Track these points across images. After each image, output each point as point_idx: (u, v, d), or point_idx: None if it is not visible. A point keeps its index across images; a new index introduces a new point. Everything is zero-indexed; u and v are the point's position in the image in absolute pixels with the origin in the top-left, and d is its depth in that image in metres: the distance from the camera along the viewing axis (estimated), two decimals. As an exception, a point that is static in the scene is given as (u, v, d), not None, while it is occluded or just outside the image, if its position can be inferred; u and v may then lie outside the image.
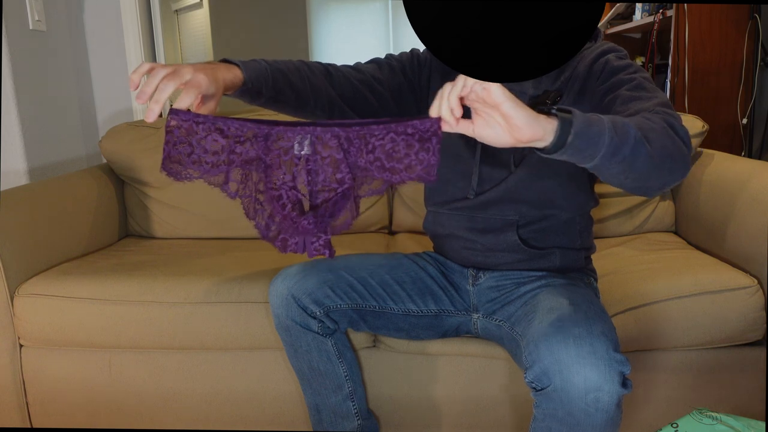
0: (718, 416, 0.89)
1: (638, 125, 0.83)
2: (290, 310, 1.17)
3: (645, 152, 0.81)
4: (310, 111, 1.09)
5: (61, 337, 1.39)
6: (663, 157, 0.83)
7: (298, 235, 0.91)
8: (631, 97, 0.95)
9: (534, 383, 0.91)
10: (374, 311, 1.18)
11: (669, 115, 0.89)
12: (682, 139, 0.86)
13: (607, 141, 0.78)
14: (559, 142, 0.76)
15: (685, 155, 0.87)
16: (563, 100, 1.07)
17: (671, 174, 0.86)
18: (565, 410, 0.88)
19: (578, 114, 0.78)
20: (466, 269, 1.22)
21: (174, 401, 1.43)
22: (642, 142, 0.80)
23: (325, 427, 1.26)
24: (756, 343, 1.31)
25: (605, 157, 0.79)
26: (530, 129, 0.75)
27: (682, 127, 0.88)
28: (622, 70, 1.01)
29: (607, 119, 0.80)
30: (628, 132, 0.80)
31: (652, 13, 2.72)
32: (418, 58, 1.22)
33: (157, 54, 2.27)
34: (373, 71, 1.17)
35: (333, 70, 1.13)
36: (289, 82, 1.04)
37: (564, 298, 1.01)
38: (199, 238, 1.83)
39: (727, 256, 1.43)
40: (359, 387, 1.27)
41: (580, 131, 0.76)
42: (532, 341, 0.94)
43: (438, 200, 1.23)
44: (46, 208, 1.54)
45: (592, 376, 0.86)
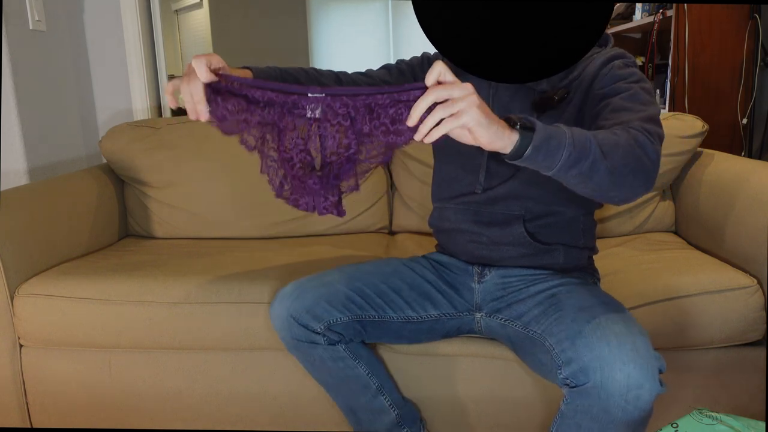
0: (718, 416, 0.89)
1: (602, 141, 0.86)
2: (293, 331, 1.16)
3: (604, 168, 0.85)
4: None
5: (61, 337, 1.39)
6: (623, 174, 0.87)
7: (307, 195, 0.97)
8: (621, 107, 0.97)
9: (569, 380, 0.92)
10: (374, 321, 1.18)
11: (645, 132, 0.91)
12: (649, 157, 0.89)
13: (565, 155, 0.83)
14: (518, 153, 0.83)
15: (648, 172, 0.90)
16: (570, 99, 1.08)
17: (631, 189, 0.90)
18: (601, 407, 0.89)
19: (540, 129, 0.83)
20: (470, 266, 1.22)
21: (174, 401, 1.43)
22: (601, 158, 0.85)
23: (363, 426, 1.26)
24: (756, 343, 1.31)
25: (562, 169, 0.85)
26: (489, 141, 0.81)
27: (652, 144, 0.90)
28: (624, 78, 1.03)
29: (569, 134, 0.84)
30: (589, 148, 0.84)
31: (652, 13, 2.73)
32: (429, 61, 1.25)
33: (157, 54, 2.27)
34: (382, 76, 1.21)
35: (343, 76, 1.18)
36: (299, 83, 1.09)
37: (592, 297, 1.03)
38: (199, 238, 1.83)
39: (727, 256, 1.43)
40: (386, 380, 1.27)
41: (539, 145, 0.82)
42: (566, 339, 0.95)
43: (445, 196, 1.24)
44: (46, 208, 1.55)
45: (635, 373, 0.87)
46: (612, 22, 3.10)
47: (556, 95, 1.08)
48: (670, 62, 2.53)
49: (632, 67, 1.06)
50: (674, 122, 1.67)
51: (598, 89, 1.04)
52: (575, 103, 1.08)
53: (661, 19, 2.60)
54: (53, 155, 1.93)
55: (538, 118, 1.09)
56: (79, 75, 2.11)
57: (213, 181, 1.81)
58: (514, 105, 1.13)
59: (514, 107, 1.13)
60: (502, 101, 1.14)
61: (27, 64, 1.80)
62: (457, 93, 0.80)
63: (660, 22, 2.63)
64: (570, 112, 1.09)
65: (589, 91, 1.07)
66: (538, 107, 1.10)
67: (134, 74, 2.18)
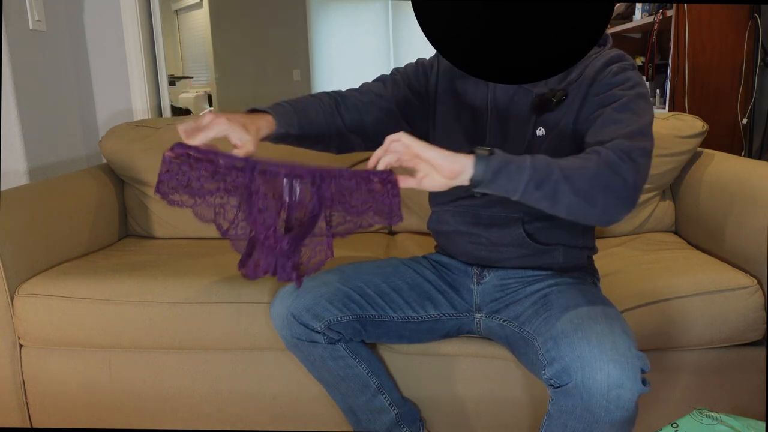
0: (718, 416, 0.89)
1: (564, 166, 0.89)
2: (293, 329, 1.16)
3: (568, 190, 0.89)
4: (326, 144, 1.18)
5: (61, 337, 1.39)
6: (592, 195, 0.89)
7: (272, 256, 0.99)
8: (610, 120, 0.98)
9: (553, 380, 0.92)
10: (374, 320, 1.18)
11: (619, 152, 0.91)
12: (621, 177, 0.90)
13: (526, 178, 0.87)
14: (477, 177, 0.88)
15: (620, 191, 0.91)
16: (568, 101, 1.08)
17: (606, 210, 0.92)
18: (584, 407, 0.89)
19: (499, 153, 0.88)
20: (470, 267, 1.22)
21: (174, 401, 1.43)
22: (564, 180, 0.88)
23: (363, 426, 1.26)
24: (756, 343, 1.31)
25: (527, 192, 0.88)
26: (449, 164, 0.87)
27: (625, 164, 0.91)
28: (619, 84, 1.03)
29: (529, 159, 0.89)
30: (551, 172, 0.88)
31: (652, 13, 2.73)
32: (423, 67, 1.24)
33: (157, 54, 2.28)
34: (377, 89, 1.21)
35: (341, 99, 1.19)
36: (310, 120, 1.12)
37: (580, 297, 1.03)
38: (199, 238, 1.83)
39: (727, 256, 1.43)
40: (385, 379, 1.27)
41: (497, 169, 0.87)
42: (550, 339, 0.95)
43: (443, 200, 1.23)
44: (46, 208, 1.55)
45: (615, 373, 0.87)
46: (612, 22, 3.10)
47: (554, 97, 1.07)
48: (670, 62, 2.53)
49: (629, 70, 1.05)
50: (674, 122, 1.67)
51: (594, 95, 1.05)
52: (574, 106, 1.08)
53: (661, 19, 2.61)
54: (53, 155, 1.93)
55: (536, 121, 1.10)
56: (79, 75, 2.11)
57: (213, 181, 1.81)
58: (512, 107, 1.12)
59: (512, 109, 1.12)
60: (500, 104, 1.13)
61: (27, 64, 1.81)
62: (396, 147, 0.90)
63: (660, 22, 2.63)
64: (568, 115, 1.08)
65: (586, 95, 1.07)
66: (536, 109, 1.09)
67: (134, 74, 2.18)
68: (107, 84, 2.18)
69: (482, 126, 1.15)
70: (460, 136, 1.17)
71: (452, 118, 1.19)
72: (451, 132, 1.18)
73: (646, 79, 2.94)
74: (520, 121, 1.11)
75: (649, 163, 0.95)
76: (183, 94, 5.82)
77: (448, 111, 1.19)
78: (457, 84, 1.19)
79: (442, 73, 1.21)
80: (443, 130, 1.20)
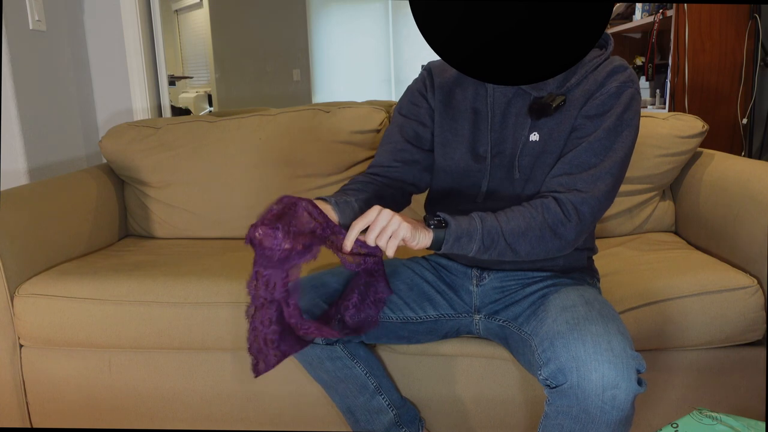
0: (718, 416, 0.89)
1: (509, 233, 1.01)
2: None
3: (512, 254, 1.03)
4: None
5: (61, 337, 1.39)
6: (533, 254, 1.04)
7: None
8: (582, 157, 1.06)
9: (549, 380, 0.92)
10: None
11: (572, 206, 1.03)
12: (560, 237, 1.03)
13: (476, 248, 1.00)
14: (436, 248, 1.00)
15: (558, 249, 1.05)
16: (566, 109, 1.08)
17: (547, 255, 1.06)
18: (580, 407, 0.90)
19: (453, 229, 0.99)
20: (470, 269, 1.21)
21: (174, 401, 1.43)
22: (507, 248, 1.02)
23: (362, 426, 1.26)
24: (756, 343, 1.31)
25: (477, 255, 1.01)
26: (414, 243, 0.97)
27: (570, 223, 1.03)
28: (609, 110, 1.06)
29: (479, 234, 1.00)
30: (497, 241, 1.01)
31: (652, 13, 2.73)
32: (417, 92, 1.23)
33: (157, 54, 2.28)
34: (401, 157, 1.22)
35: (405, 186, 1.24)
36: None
37: (576, 297, 1.03)
38: (199, 238, 1.83)
39: (727, 256, 1.43)
40: (384, 380, 1.27)
41: (451, 244, 0.99)
42: (546, 339, 0.95)
43: (444, 209, 1.22)
44: (46, 208, 1.55)
45: (610, 373, 0.87)
46: (612, 22, 3.11)
47: (554, 102, 1.07)
48: (670, 62, 2.53)
49: (629, 89, 1.06)
50: (674, 122, 1.67)
51: (584, 117, 1.07)
52: (571, 113, 1.08)
53: (661, 19, 2.61)
54: (53, 155, 1.93)
55: (534, 123, 1.09)
56: (79, 75, 2.11)
57: (213, 181, 1.81)
58: (511, 110, 1.12)
59: (510, 112, 1.12)
60: (499, 106, 1.13)
61: (27, 64, 1.81)
62: (382, 222, 0.94)
63: (660, 22, 2.63)
64: (563, 125, 1.08)
65: (582, 108, 1.08)
66: (535, 113, 1.09)
67: (134, 74, 2.18)
68: (107, 84, 2.18)
69: (482, 131, 1.14)
70: (460, 143, 1.17)
71: (452, 127, 1.18)
72: (452, 139, 1.18)
73: (646, 79, 2.94)
74: (517, 124, 1.11)
75: (603, 205, 1.05)
76: (183, 94, 5.83)
77: (447, 121, 1.19)
78: (455, 92, 1.18)
79: (438, 87, 1.20)
80: (441, 143, 1.19)
